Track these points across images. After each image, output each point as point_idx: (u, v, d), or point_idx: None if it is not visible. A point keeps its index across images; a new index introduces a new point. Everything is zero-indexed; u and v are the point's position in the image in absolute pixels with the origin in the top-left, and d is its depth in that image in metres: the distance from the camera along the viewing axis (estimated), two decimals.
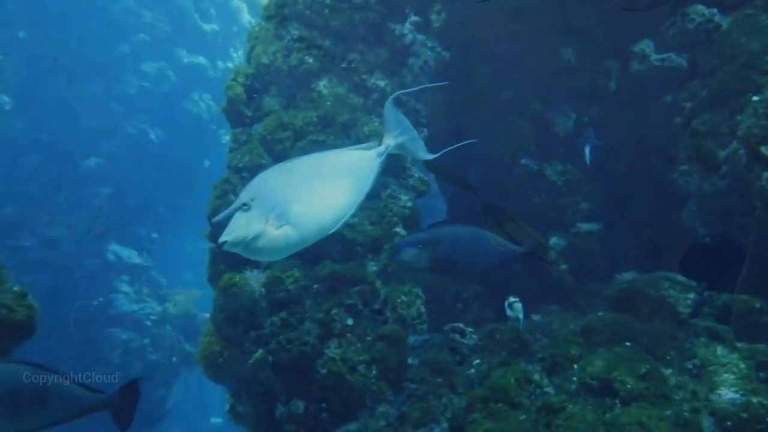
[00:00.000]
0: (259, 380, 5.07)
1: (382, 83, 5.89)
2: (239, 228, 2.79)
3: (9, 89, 15.07)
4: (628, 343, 4.52)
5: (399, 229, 5.44)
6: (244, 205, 2.81)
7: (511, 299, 5.13)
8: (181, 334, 15.84)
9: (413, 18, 6.07)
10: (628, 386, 4.03)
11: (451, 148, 3.90)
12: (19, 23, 15.07)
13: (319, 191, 2.93)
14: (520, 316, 5.08)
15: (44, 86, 15.47)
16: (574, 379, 4.32)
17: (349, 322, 4.99)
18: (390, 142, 3.09)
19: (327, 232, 2.99)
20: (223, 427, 20.63)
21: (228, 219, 2.82)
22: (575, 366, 4.43)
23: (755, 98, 5.03)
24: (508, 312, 5.09)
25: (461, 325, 5.29)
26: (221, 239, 2.78)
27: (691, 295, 5.02)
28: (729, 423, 3.97)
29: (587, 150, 5.89)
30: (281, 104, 5.91)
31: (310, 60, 5.85)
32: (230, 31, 19.16)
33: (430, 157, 3.32)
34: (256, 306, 5.13)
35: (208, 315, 5.76)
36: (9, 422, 3.37)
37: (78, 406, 3.48)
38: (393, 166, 5.49)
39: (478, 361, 4.86)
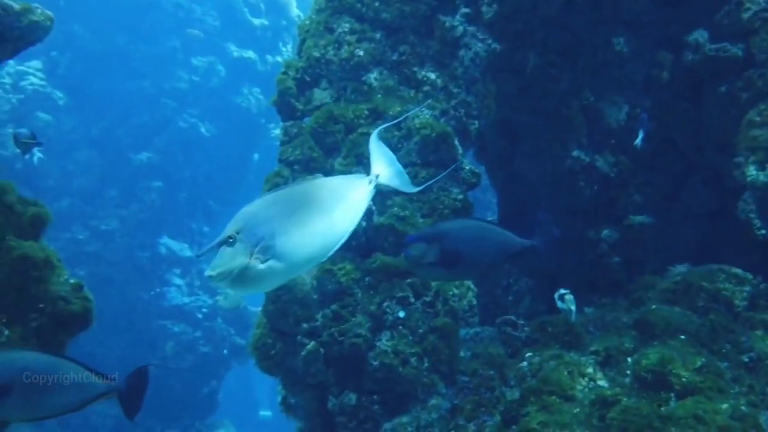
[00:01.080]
0: (311, 372, 5.09)
1: (432, 75, 5.87)
2: (224, 263, 2.72)
3: (63, 85, 15.29)
4: (683, 336, 4.49)
5: None
6: (230, 238, 2.74)
7: (562, 291, 5.10)
8: (231, 327, 15.98)
9: (464, 9, 6.03)
10: (684, 380, 4.00)
11: (434, 180, 3.88)
12: (72, 18, 15.25)
13: (306, 221, 2.85)
14: (572, 308, 5.04)
15: (97, 81, 15.67)
16: (628, 372, 4.30)
17: (401, 314, 5.00)
18: (377, 172, 3.06)
19: (316, 263, 2.97)
20: (272, 421, 20.88)
21: (212, 252, 2.77)
22: (629, 359, 4.41)
23: None
24: (559, 304, 5.06)
25: (513, 318, 5.28)
26: (206, 274, 2.75)
27: (747, 288, 4.97)
28: None
29: (641, 135, 5.82)
30: (332, 97, 5.91)
31: (361, 53, 5.85)
32: (279, 25, 19.18)
33: (415, 190, 3.31)
34: (308, 298, 5.15)
35: (257, 309, 5.79)
36: (20, 409, 3.42)
37: (87, 392, 3.50)
38: (444, 159, 5.48)
39: (530, 353, 4.84)
